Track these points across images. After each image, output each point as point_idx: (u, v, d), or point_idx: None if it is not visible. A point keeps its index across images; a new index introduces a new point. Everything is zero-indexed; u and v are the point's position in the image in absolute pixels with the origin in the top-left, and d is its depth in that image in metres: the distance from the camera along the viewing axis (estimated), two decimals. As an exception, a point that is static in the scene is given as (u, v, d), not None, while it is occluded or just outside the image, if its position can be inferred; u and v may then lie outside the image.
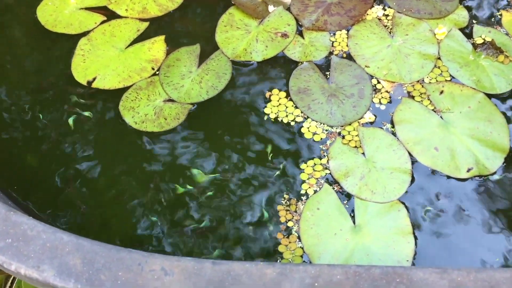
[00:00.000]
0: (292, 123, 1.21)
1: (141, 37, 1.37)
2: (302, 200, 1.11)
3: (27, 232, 0.84)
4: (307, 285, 0.78)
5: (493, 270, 0.78)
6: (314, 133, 1.20)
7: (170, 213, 1.09)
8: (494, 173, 1.13)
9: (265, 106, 1.24)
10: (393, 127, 1.20)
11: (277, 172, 1.14)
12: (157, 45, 1.35)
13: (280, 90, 1.26)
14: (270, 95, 1.26)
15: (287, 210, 1.09)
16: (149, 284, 0.78)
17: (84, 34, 1.36)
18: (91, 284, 0.78)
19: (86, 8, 1.41)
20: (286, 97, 1.25)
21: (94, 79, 1.29)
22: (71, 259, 0.81)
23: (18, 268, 0.81)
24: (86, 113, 1.24)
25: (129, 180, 1.13)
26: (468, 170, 1.13)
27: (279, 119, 1.22)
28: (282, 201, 1.10)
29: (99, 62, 1.31)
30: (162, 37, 1.36)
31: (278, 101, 1.25)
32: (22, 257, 0.81)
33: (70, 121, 1.23)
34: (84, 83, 1.28)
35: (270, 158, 1.16)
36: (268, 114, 1.23)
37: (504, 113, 1.20)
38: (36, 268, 0.80)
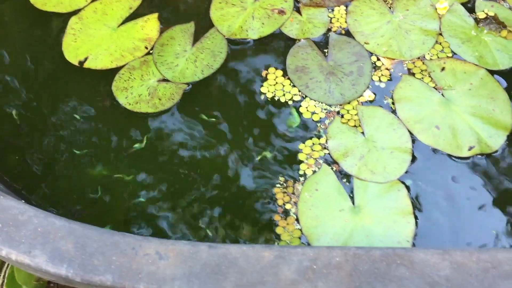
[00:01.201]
0: (290, 102, 1.18)
1: (134, 15, 1.33)
2: (300, 181, 1.09)
3: (18, 217, 0.81)
4: (306, 268, 0.76)
5: (496, 250, 0.77)
6: (313, 113, 1.17)
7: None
8: (497, 151, 1.11)
9: (262, 85, 1.21)
10: (393, 104, 1.17)
11: (275, 153, 1.12)
12: (150, 23, 1.31)
13: (276, 69, 1.23)
14: (266, 74, 1.23)
15: (284, 192, 1.07)
16: (144, 268, 0.77)
17: (75, 12, 1.32)
18: (84, 269, 0.76)
19: (77, -14, 1.37)
20: (283, 75, 1.22)
21: (85, 59, 1.25)
22: (63, 244, 0.79)
23: (9, 253, 0.79)
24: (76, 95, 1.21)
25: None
26: (470, 149, 1.11)
27: (276, 99, 1.19)
28: (279, 183, 1.08)
29: (91, 42, 1.28)
30: (156, 15, 1.32)
31: (275, 79, 1.22)
32: (13, 242, 0.79)
33: (62, 103, 1.20)
34: (76, 63, 1.25)
35: (267, 139, 1.14)
36: (264, 94, 1.20)
37: (507, 90, 1.17)
38: (27, 253, 0.78)
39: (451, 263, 0.76)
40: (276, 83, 1.22)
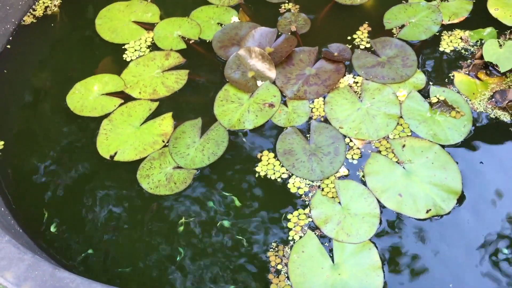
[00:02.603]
0: (279, 180, 1.46)
1: (153, 115, 1.64)
2: (289, 245, 1.34)
3: (70, 285, 1.08)
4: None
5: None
6: (298, 187, 1.44)
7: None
8: (449, 212, 1.35)
9: (257, 165, 1.49)
10: (364, 177, 1.43)
11: (267, 223, 1.38)
12: (166, 121, 1.62)
13: (269, 151, 1.52)
14: (261, 156, 1.51)
15: (276, 255, 1.32)
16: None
17: (106, 115, 1.65)
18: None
19: (107, 94, 1.70)
20: (274, 157, 1.50)
21: (115, 153, 1.56)
22: (104, 304, 1.05)
23: (64, 313, 1.05)
24: (108, 183, 1.51)
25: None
26: (427, 211, 1.35)
27: (268, 176, 1.47)
28: (272, 248, 1.34)
29: (119, 139, 1.59)
30: (170, 114, 1.63)
31: (267, 161, 1.50)
32: (67, 304, 1.06)
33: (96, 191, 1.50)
34: (107, 157, 1.55)
35: (260, 210, 1.40)
36: (258, 172, 1.48)
37: (457, 161, 1.43)
38: (77, 312, 1.04)
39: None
40: (269, 163, 1.50)
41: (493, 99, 1.53)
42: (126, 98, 1.69)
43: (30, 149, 1.60)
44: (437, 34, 1.72)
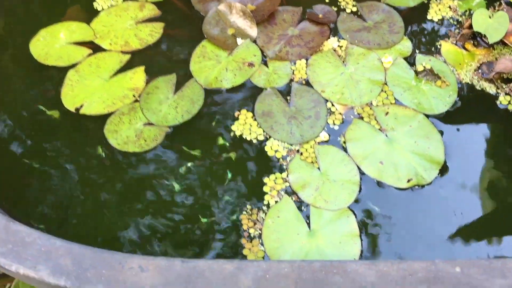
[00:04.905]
0: (255, 141, 1.38)
1: (124, 68, 1.53)
2: (263, 210, 1.27)
3: (25, 239, 0.99)
4: (260, 277, 0.94)
5: (413, 261, 0.95)
6: (276, 151, 1.37)
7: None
8: (431, 183, 1.31)
9: (233, 124, 1.41)
10: (344, 143, 1.38)
11: (242, 186, 1.31)
12: (137, 75, 1.51)
13: (247, 111, 1.44)
14: (238, 115, 1.43)
15: (249, 219, 1.26)
16: (129, 279, 0.94)
17: (73, 66, 1.53)
18: (80, 281, 0.94)
19: (74, 43, 1.58)
20: (252, 117, 1.43)
21: (81, 106, 1.45)
22: (62, 260, 0.96)
23: (17, 268, 0.96)
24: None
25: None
26: (409, 181, 1.31)
27: (244, 137, 1.39)
28: (245, 211, 1.27)
29: (86, 91, 1.48)
30: (142, 68, 1.53)
31: (244, 120, 1.42)
32: (21, 259, 0.97)
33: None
34: (73, 110, 1.44)
35: (233, 173, 1.33)
36: (234, 131, 1.40)
37: (440, 131, 1.38)
38: (33, 268, 0.95)
39: (376, 272, 0.94)
40: (245, 123, 1.42)
41: (480, 71, 1.49)
42: (95, 48, 1.57)
43: (-13, 97, 1.48)
44: (426, 2, 1.66)
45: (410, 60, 1.53)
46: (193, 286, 0.93)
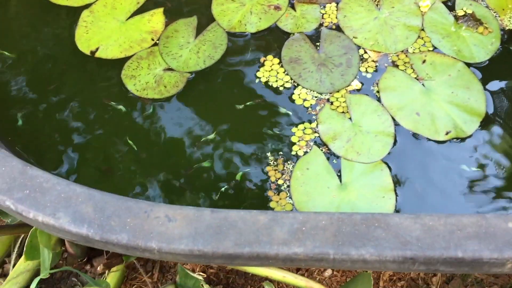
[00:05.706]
0: (281, 88, 1.29)
1: (141, 10, 1.43)
2: (291, 161, 1.20)
3: (43, 184, 0.92)
4: (296, 230, 0.87)
5: (461, 215, 0.88)
6: (305, 100, 1.28)
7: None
8: (471, 135, 1.22)
9: (258, 70, 1.32)
10: (378, 93, 1.29)
11: (267, 135, 1.23)
12: (156, 17, 1.42)
13: (274, 57, 1.34)
14: (264, 60, 1.34)
15: (275, 170, 1.18)
16: (155, 229, 0.88)
17: (86, 6, 1.43)
18: (103, 229, 0.87)
19: (88, -18, 1.47)
20: (279, 63, 1.33)
21: (97, 49, 1.36)
22: (83, 207, 0.90)
23: (36, 215, 0.89)
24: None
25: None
26: (447, 133, 1.23)
27: (270, 84, 1.30)
28: (271, 163, 1.19)
29: (101, 33, 1.38)
30: (161, 9, 1.43)
31: (271, 67, 1.33)
32: (39, 206, 0.90)
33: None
34: (88, 53, 1.35)
35: (259, 120, 1.25)
36: (259, 78, 1.31)
37: (481, 81, 1.29)
38: (52, 215, 0.89)
39: (422, 226, 0.87)
40: (272, 69, 1.33)
41: (525, 17, 1.38)
42: (110, -12, 1.46)
43: (-4, 38, 1.38)
44: None
45: (450, 4, 1.42)
46: (224, 237, 0.86)
